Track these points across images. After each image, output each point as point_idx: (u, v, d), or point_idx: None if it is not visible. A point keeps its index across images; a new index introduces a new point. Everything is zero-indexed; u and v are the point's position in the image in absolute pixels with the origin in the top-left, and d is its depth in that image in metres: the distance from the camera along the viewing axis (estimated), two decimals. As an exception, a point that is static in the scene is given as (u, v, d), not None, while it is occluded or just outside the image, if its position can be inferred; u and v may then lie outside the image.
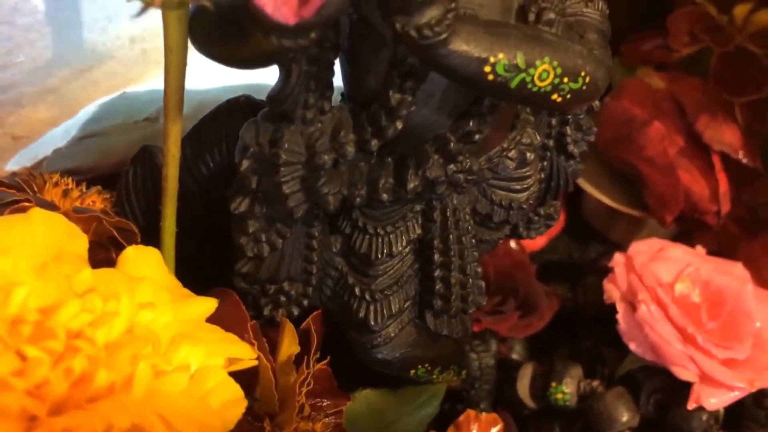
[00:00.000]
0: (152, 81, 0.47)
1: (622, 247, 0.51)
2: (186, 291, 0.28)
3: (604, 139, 0.56)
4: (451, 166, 0.29)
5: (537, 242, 0.55)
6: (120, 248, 0.31)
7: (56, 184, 0.32)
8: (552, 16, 0.28)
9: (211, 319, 0.28)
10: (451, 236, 0.33)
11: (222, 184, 0.32)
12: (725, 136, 0.51)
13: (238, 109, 0.33)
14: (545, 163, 0.37)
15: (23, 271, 0.25)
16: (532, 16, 0.28)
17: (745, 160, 0.51)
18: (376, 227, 0.32)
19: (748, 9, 0.56)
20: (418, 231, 0.33)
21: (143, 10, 0.21)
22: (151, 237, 0.32)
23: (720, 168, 0.51)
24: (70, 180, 0.33)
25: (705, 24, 0.55)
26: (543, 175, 0.37)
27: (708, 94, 0.53)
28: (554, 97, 0.27)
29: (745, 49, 0.53)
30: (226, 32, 0.24)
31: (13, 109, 0.45)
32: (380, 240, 0.32)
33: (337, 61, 0.29)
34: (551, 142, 0.36)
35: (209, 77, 0.43)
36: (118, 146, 0.43)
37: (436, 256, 0.33)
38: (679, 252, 0.47)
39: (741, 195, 0.55)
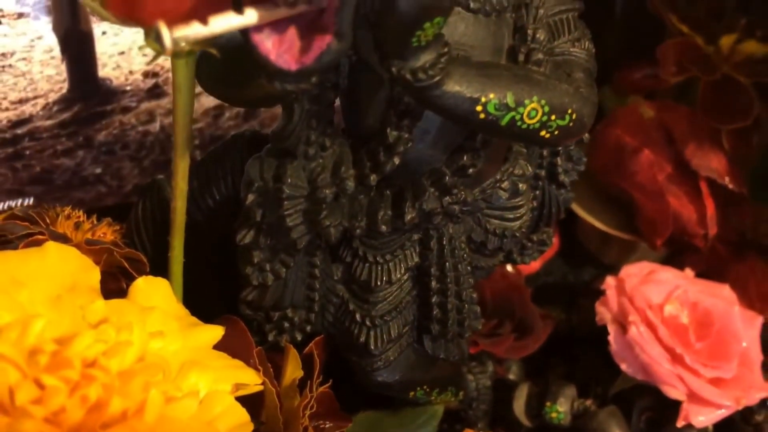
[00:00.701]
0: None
1: (615, 269, 0.52)
2: (194, 319, 0.29)
3: (597, 165, 0.57)
4: (447, 199, 0.31)
5: (532, 265, 0.56)
6: (130, 278, 0.32)
7: (68, 217, 0.33)
8: (540, 56, 0.29)
9: (219, 346, 0.29)
10: (447, 264, 0.34)
11: (227, 215, 0.33)
12: (712, 163, 0.52)
13: (243, 143, 0.34)
14: (537, 192, 0.38)
15: (39, 302, 0.26)
16: (521, 57, 0.29)
17: (731, 186, 0.52)
18: (375, 256, 0.33)
19: (734, 39, 0.58)
20: (416, 259, 0.34)
21: (155, 57, 0.22)
22: (160, 266, 0.33)
23: (707, 193, 0.52)
24: (81, 213, 0.34)
25: (693, 54, 0.56)
26: (535, 204, 0.38)
27: (695, 122, 0.55)
28: (543, 133, 0.28)
29: (731, 78, 0.54)
30: (231, 75, 0.25)
31: (30, 143, 0.47)
32: (380, 268, 0.33)
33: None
34: (543, 172, 0.37)
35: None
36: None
37: (434, 283, 0.34)
38: (668, 275, 0.48)
39: (729, 218, 0.56)
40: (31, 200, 0.47)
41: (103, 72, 0.48)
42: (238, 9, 0.21)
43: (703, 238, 0.52)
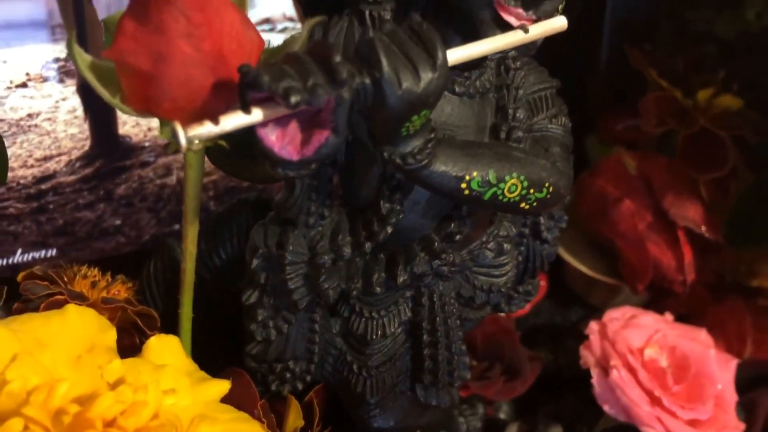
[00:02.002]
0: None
1: (601, 311, 0.53)
2: (203, 374, 0.31)
3: (582, 213, 0.58)
4: (436, 262, 0.32)
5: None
6: (143, 333, 0.34)
7: (85, 276, 0.35)
8: (520, 134, 0.31)
9: (225, 398, 0.31)
10: (437, 318, 0.35)
11: (233, 273, 0.35)
12: (689, 213, 0.53)
13: (248, 206, 0.36)
14: (522, 248, 0.39)
15: (62, 363, 0.27)
16: (503, 134, 0.31)
17: (707, 235, 0.53)
18: (371, 311, 0.34)
19: (710, 93, 0.59)
20: (409, 314, 0.35)
21: (169, 147, 0.24)
22: (170, 321, 0.34)
23: (685, 241, 0.53)
24: (97, 271, 0.35)
25: (672, 107, 0.58)
26: (520, 259, 0.40)
27: (674, 172, 0.56)
28: (522, 205, 0.30)
29: (708, 131, 0.56)
30: (238, 158, 0.27)
31: (54, 197, 0.48)
32: (375, 323, 0.35)
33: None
34: (527, 230, 0.39)
35: None
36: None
37: (425, 337, 0.35)
38: (649, 319, 0.50)
39: (709, 262, 0.57)
40: (54, 251, 0.49)
41: (123, 130, 0.50)
42: (246, 109, 0.23)
43: (681, 284, 0.53)
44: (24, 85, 0.47)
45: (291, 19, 0.54)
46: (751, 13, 0.61)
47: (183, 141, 0.22)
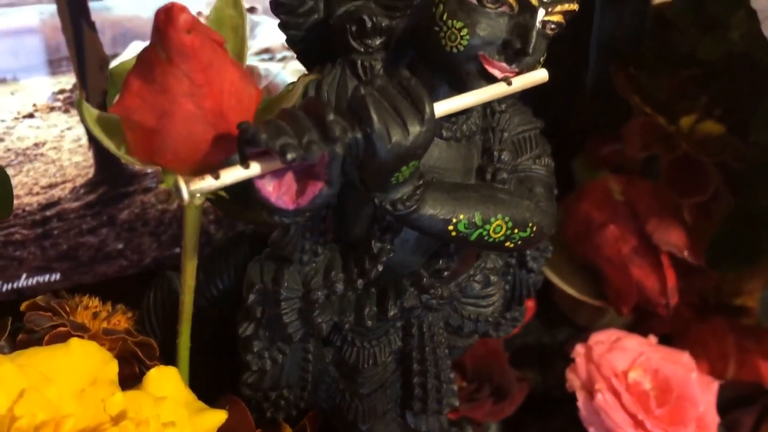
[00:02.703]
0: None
1: (588, 331, 0.54)
2: (200, 404, 0.32)
3: (568, 235, 0.59)
4: (425, 296, 0.33)
5: (511, 328, 0.59)
6: (142, 362, 0.35)
7: (86, 307, 0.36)
8: (505, 175, 0.32)
9: (222, 427, 0.31)
10: (427, 348, 0.36)
11: (230, 303, 0.36)
12: (672, 238, 0.54)
13: (244, 239, 0.37)
14: (509, 278, 0.40)
15: (66, 397, 0.28)
16: (488, 176, 0.32)
17: (689, 259, 0.54)
18: (362, 341, 0.35)
19: (693, 119, 0.60)
20: (399, 343, 0.36)
21: (171, 198, 0.25)
22: (169, 350, 0.35)
23: (668, 265, 0.54)
24: (98, 301, 0.36)
25: (656, 133, 0.59)
26: (507, 287, 0.41)
27: (658, 197, 0.57)
28: (507, 244, 0.31)
29: (690, 156, 0.57)
30: (237, 204, 0.28)
31: (58, 223, 0.49)
32: (366, 352, 0.36)
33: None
34: (513, 260, 0.40)
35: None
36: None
37: (415, 365, 0.36)
38: (633, 342, 0.51)
39: (692, 283, 0.58)
40: (58, 276, 0.50)
41: (125, 157, 0.51)
42: (244, 164, 0.24)
43: (665, 307, 0.54)
44: (31, 115, 0.48)
45: (289, 49, 0.55)
46: (736, 34, 0.61)
47: (186, 195, 0.23)
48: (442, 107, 0.26)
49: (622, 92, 0.61)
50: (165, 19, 0.22)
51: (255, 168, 0.24)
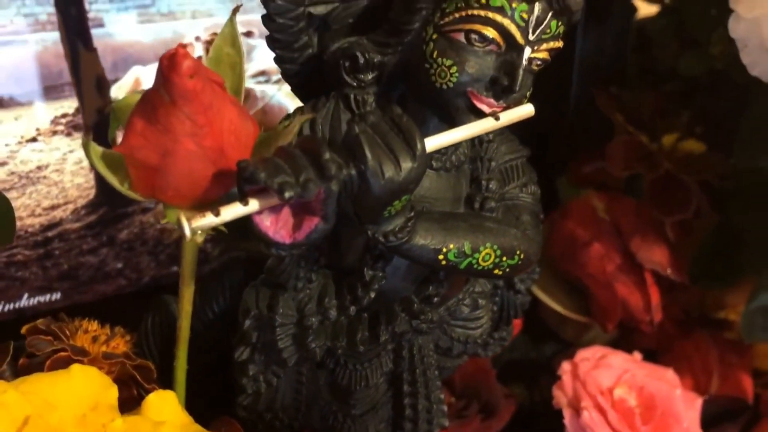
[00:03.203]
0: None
1: (574, 346, 0.55)
2: (198, 427, 0.32)
3: (554, 253, 0.60)
4: (416, 321, 0.34)
5: (499, 344, 0.59)
6: (140, 385, 0.35)
7: (86, 331, 0.36)
8: (492, 204, 0.33)
9: (219, 449, 0.32)
10: (417, 370, 0.37)
11: (225, 326, 0.36)
12: (655, 256, 0.55)
13: (239, 263, 0.37)
14: (497, 299, 0.41)
15: (68, 423, 0.28)
16: (477, 204, 0.33)
17: (672, 276, 0.55)
18: (355, 364, 0.36)
19: (675, 138, 0.61)
20: (390, 365, 0.37)
21: (175, 236, 0.25)
22: (167, 372, 0.35)
23: (652, 283, 0.55)
24: (97, 325, 0.37)
25: (638, 151, 0.59)
26: (495, 308, 0.41)
27: (641, 215, 0.57)
28: (496, 271, 0.32)
29: (673, 174, 0.57)
30: (237, 234, 0.29)
31: (59, 244, 0.50)
32: (359, 374, 0.36)
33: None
34: (501, 282, 0.40)
35: None
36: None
37: (406, 387, 0.37)
38: (618, 359, 0.51)
39: (676, 298, 0.59)
40: (59, 295, 0.50)
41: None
42: (243, 200, 0.24)
43: (649, 323, 0.55)
44: (34, 139, 0.48)
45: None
46: (716, 50, 0.62)
47: (188, 232, 0.24)
48: (433, 142, 0.27)
49: (604, 111, 0.61)
50: (169, 64, 0.23)
51: (254, 204, 0.25)
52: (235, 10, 0.27)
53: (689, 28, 0.61)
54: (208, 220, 0.24)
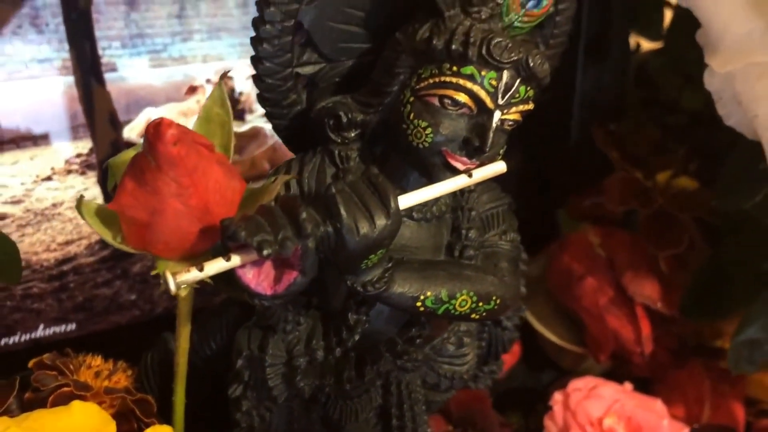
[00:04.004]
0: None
1: (572, 374, 0.55)
2: (194, 460, 0.33)
3: (551, 284, 0.60)
4: (400, 360, 0.34)
5: (497, 371, 0.60)
6: (140, 420, 0.36)
7: (89, 366, 0.37)
8: (471, 252, 0.33)
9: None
10: (405, 405, 0.37)
11: (222, 362, 0.37)
12: (646, 290, 0.55)
13: (235, 303, 0.38)
14: (485, 335, 0.42)
15: (69, 458, 0.30)
16: (456, 252, 0.33)
17: (663, 311, 0.55)
18: (345, 399, 0.37)
19: (669, 175, 0.62)
20: (379, 400, 0.37)
21: (162, 290, 0.26)
22: (166, 406, 0.36)
23: (643, 316, 0.55)
24: (100, 360, 0.38)
25: (634, 188, 0.60)
26: (483, 344, 0.42)
27: (635, 249, 0.58)
28: (473, 315, 0.32)
29: (666, 210, 0.58)
30: (225, 285, 0.30)
31: (74, 277, 0.51)
32: (349, 409, 0.37)
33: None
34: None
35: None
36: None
37: (394, 421, 0.37)
38: (609, 390, 0.51)
39: (671, 328, 0.59)
40: (74, 326, 0.52)
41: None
42: (226, 256, 0.26)
43: (640, 355, 0.55)
44: (49, 178, 0.50)
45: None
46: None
47: (173, 287, 0.25)
48: (407, 201, 0.28)
49: (601, 147, 0.62)
50: (154, 133, 0.24)
51: (236, 260, 0.26)
52: (223, 76, 0.28)
53: (686, 66, 0.62)
54: (192, 275, 0.25)
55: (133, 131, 0.53)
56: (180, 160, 0.25)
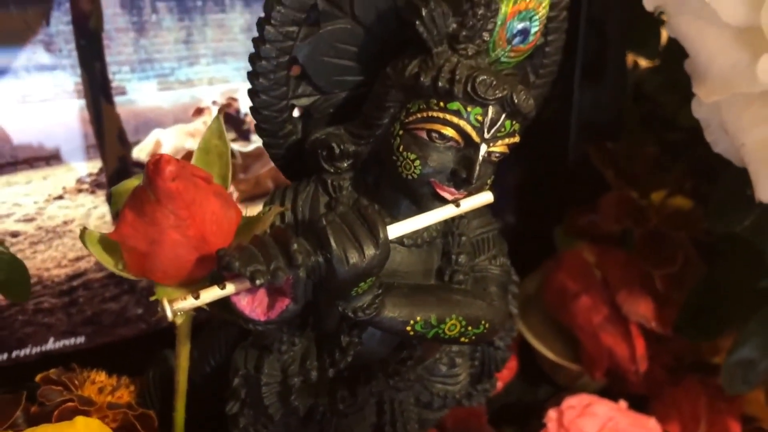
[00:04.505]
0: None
1: (568, 390, 0.55)
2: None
3: (547, 301, 0.61)
4: (392, 380, 0.35)
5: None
6: (140, 434, 0.37)
7: (93, 382, 0.38)
8: (461, 277, 0.34)
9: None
10: (398, 423, 0.38)
11: (220, 379, 0.38)
12: (640, 309, 0.55)
13: (234, 323, 0.39)
14: (477, 354, 0.42)
15: (72, 473, 0.31)
16: (446, 277, 0.34)
17: (657, 329, 0.55)
18: (339, 416, 0.37)
19: (664, 194, 0.62)
20: (374, 419, 0.38)
21: (159, 316, 0.27)
22: (167, 420, 0.37)
23: (637, 334, 0.55)
24: (104, 376, 0.39)
25: (629, 207, 0.60)
26: (477, 363, 0.42)
27: (630, 268, 0.58)
28: (463, 339, 0.33)
29: (661, 229, 0.58)
30: (223, 310, 0.31)
31: (84, 292, 0.53)
32: (344, 426, 0.37)
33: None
34: (481, 340, 0.42)
35: None
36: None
37: (388, 439, 0.38)
38: (603, 408, 0.52)
39: (667, 345, 0.59)
40: (83, 339, 0.53)
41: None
42: (221, 284, 0.27)
43: (634, 373, 0.55)
44: (61, 197, 0.52)
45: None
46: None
47: (170, 314, 0.26)
48: (396, 231, 0.29)
49: (597, 167, 0.62)
50: (154, 169, 0.25)
51: (230, 288, 0.27)
52: (221, 110, 0.29)
53: (683, 84, 0.62)
54: (189, 302, 0.26)
55: (141, 152, 0.54)
56: (178, 195, 0.26)
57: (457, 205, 0.30)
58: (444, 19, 0.29)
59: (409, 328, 0.31)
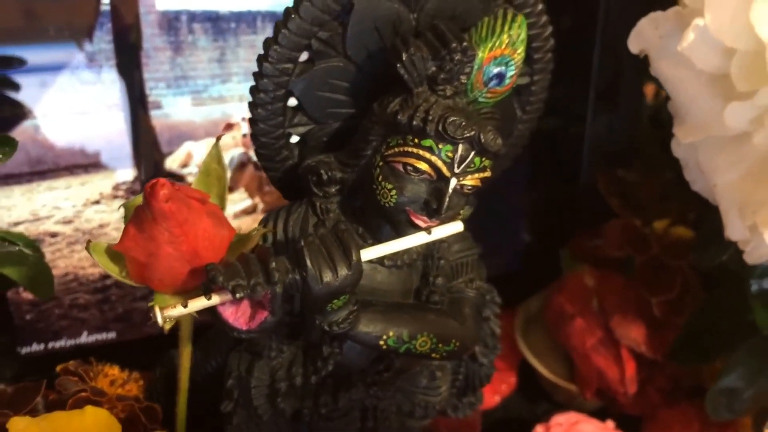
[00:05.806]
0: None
1: (566, 407, 0.56)
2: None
3: (548, 321, 0.61)
4: (371, 390, 0.37)
5: (492, 401, 0.61)
6: (146, 426, 0.39)
7: (106, 375, 0.41)
8: (437, 298, 0.36)
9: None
10: (380, 429, 0.40)
11: (219, 378, 0.41)
12: (632, 333, 0.56)
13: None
14: (461, 369, 0.44)
15: (78, 455, 0.33)
16: (423, 297, 0.36)
17: (647, 354, 0.55)
18: (326, 422, 0.39)
19: (667, 223, 0.62)
20: (358, 425, 0.40)
21: (152, 321, 0.30)
22: (171, 414, 0.40)
23: (628, 357, 0.56)
24: (117, 370, 0.42)
25: (632, 234, 0.60)
26: (461, 377, 0.44)
27: (627, 293, 0.58)
28: (434, 355, 0.35)
29: (660, 257, 0.58)
30: (213, 316, 0.33)
31: (116, 290, 0.56)
32: (330, 429, 0.39)
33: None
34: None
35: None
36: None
37: (371, 445, 0.40)
38: (590, 427, 0.52)
39: (664, 369, 0.59)
40: (114, 334, 0.56)
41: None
42: (207, 295, 0.29)
43: (624, 395, 0.56)
44: (97, 202, 0.55)
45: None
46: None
47: (160, 321, 0.28)
48: (370, 254, 0.31)
49: (604, 194, 0.63)
50: (150, 192, 0.28)
51: (215, 299, 0.29)
52: (218, 138, 0.32)
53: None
54: (178, 311, 0.29)
55: (174, 162, 0.58)
56: (171, 215, 0.28)
57: (429, 233, 0.32)
58: (423, 62, 0.31)
59: (381, 343, 0.33)
